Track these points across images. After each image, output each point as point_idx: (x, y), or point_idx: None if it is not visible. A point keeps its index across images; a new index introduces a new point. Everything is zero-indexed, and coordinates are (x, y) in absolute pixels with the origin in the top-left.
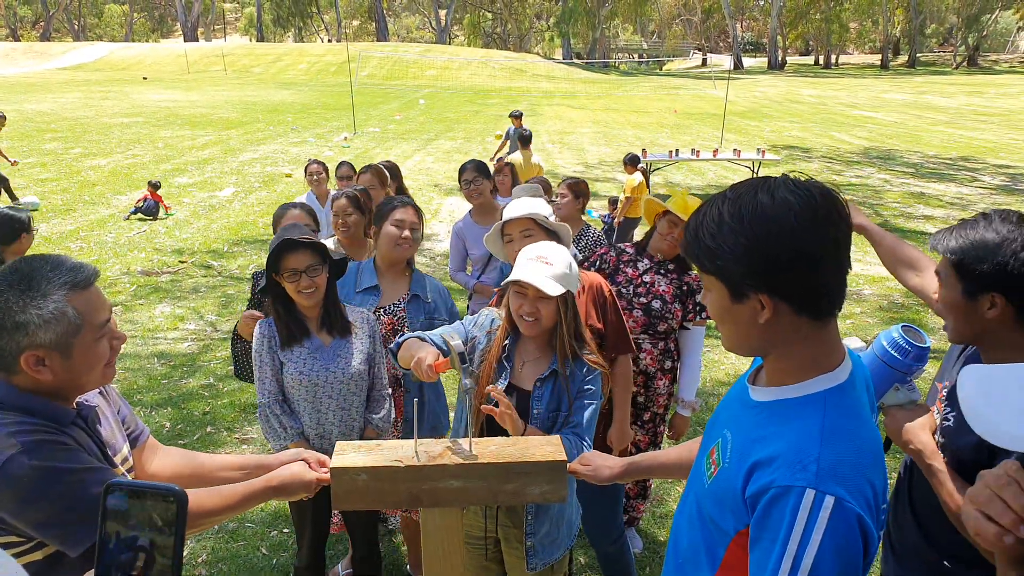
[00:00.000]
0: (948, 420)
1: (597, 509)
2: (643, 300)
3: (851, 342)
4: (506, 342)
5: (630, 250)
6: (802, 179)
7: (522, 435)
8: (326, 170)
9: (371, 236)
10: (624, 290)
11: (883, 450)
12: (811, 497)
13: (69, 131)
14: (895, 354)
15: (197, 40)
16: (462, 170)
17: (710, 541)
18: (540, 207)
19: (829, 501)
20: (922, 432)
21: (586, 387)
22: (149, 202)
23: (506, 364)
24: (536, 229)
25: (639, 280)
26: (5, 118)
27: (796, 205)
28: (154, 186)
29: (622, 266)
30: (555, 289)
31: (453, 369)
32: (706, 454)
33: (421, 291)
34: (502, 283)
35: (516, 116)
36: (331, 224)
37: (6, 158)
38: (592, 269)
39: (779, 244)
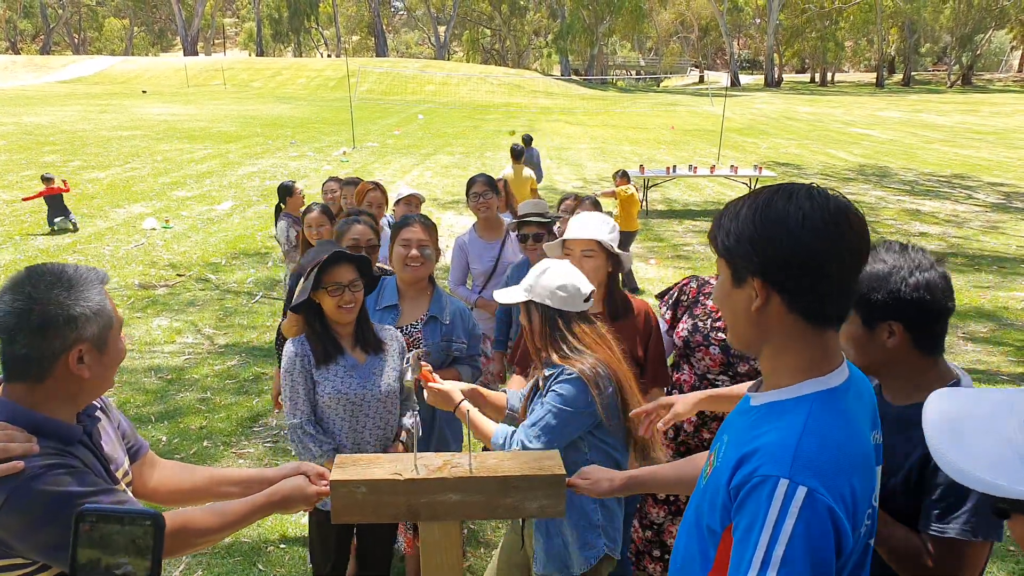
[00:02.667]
0: None
1: None
2: (720, 336)
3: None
4: None
5: (715, 281)
6: (826, 191)
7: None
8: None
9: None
10: (701, 324)
11: (874, 461)
12: (784, 487)
13: (68, 144)
14: None
15: (197, 54)
16: (471, 183)
17: (703, 544)
18: (606, 230)
19: (801, 492)
20: None
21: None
22: (54, 202)
23: None
24: (599, 252)
25: (718, 313)
26: None
27: (809, 211)
28: (47, 179)
29: (702, 298)
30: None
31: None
32: (707, 460)
33: (439, 312)
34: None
35: (524, 142)
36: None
37: None
38: (671, 301)
39: (781, 242)
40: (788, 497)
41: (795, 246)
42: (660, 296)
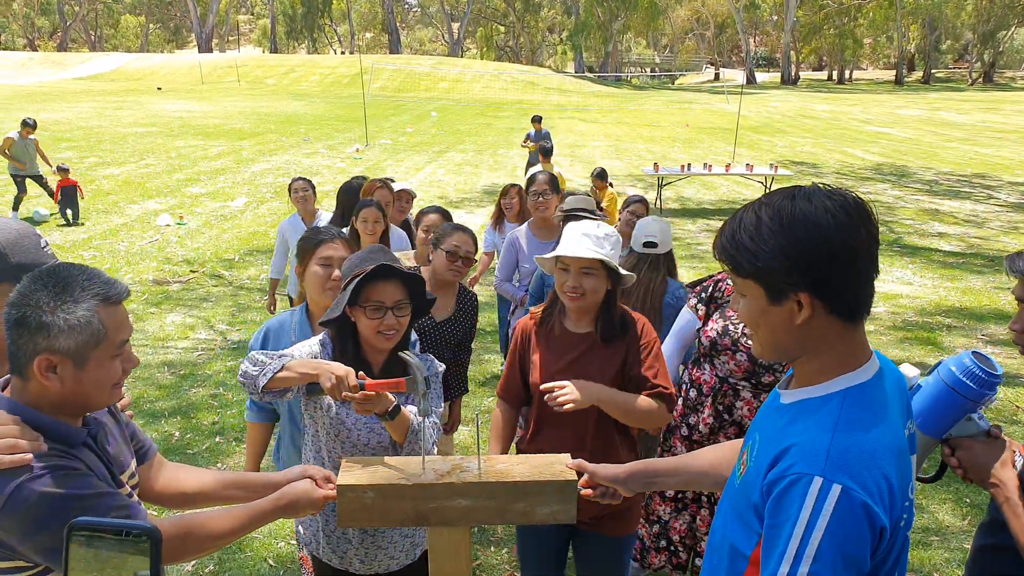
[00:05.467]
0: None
1: None
2: (751, 343)
3: (907, 369)
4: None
5: None
6: (831, 187)
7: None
8: (312, 187)
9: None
10: (732, 327)
11: (909, 452)
12: (818, 485)
13: (84, 140)
14: (968, 382)
15: (211, 51)
16: (532, 180)
17: (741, 539)
18: (607, 245)
19: (836, 489)
20: (1003, 467)
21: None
22: (66, 193)
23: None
24: (600, 269)
25: None
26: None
27: (833, 208)
28: (63, 170)
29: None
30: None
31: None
32: (739, 458)
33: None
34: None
35: (536, 120)
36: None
37: (47, 162)
38: (703, 295)
39: (818, 244)
40: (822, 495)
41: (833, 247)
42: (692, 286)
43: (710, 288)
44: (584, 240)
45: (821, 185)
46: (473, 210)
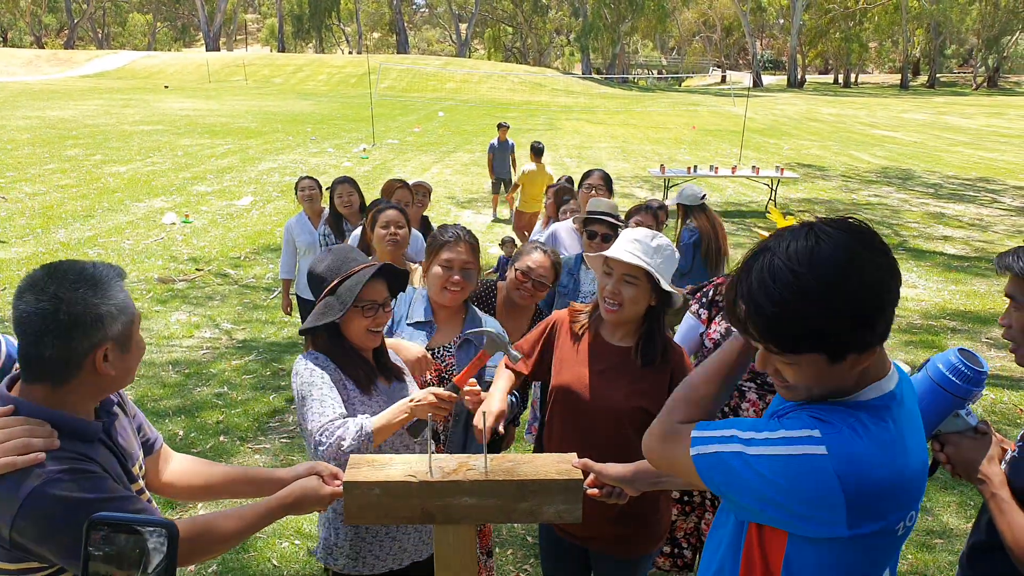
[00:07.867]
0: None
1: None
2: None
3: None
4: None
5: None
6: (843, 219)
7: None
8: (319, 186)
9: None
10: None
11: (910, 460)
12: (814, 434)
13: (90, 138)
14: (954, 379)
15: (219, 50)
16: (587, 175)
17: (734, 532)
18: (659, 257)
19: (820, 449)
20: (990, 463)
21: None
22: None
23: None
24: (644, 279)
25: None
26: None
27: (853, 247)
28: None
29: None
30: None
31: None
32: None
33: (475, 335)
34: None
35: (503, 127)
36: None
37: None
38: (704, 300)
39: (842, 302)
40: (807, 441)
41: (858, 297)
42: (693, 293)
43: (711, 292)
44: (633, 245)
45: (829, 219)
46: (480, 210)
